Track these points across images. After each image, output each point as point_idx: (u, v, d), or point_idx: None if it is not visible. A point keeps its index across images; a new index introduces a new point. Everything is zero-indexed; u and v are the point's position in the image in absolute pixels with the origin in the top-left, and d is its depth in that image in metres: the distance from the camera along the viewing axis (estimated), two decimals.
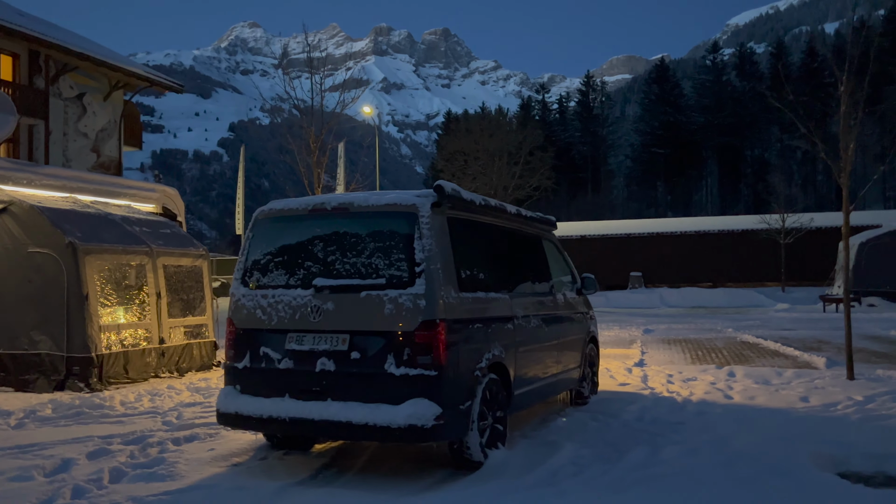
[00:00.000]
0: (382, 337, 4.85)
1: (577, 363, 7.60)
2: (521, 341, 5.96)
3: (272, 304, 5.20)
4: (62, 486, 4.71)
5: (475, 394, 5.09)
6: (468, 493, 4.60)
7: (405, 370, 4.76)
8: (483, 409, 5.20)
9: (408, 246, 4.93)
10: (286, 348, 5.10)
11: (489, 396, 5.29)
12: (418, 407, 4.69)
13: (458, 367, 4.92)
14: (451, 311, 4.91)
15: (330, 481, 5.00)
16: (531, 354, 6.21)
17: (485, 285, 5.60)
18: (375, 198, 5.24)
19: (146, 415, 7.33)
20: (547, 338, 6.63)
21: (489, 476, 4.99)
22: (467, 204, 5.46)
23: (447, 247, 5.06)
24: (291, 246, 5.39)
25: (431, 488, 4.82)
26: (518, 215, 6.60)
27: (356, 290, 4.95)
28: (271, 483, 4.87)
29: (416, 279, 4.84)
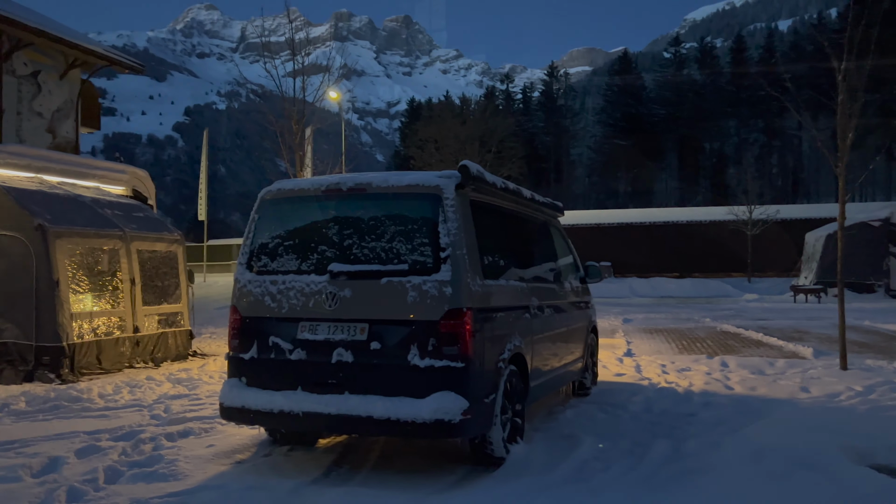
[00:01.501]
0: (405, 326, 4.55)
1: (581, 353, 7.41)
2: (537, 331, 5.73)
3: (282, 290, 4.85)
4: (56, 488, 4.31)
5: (498, 386, 4.83)
6: (499, 493, 4.34)
7: (430, 361, 4.46)
8: (505, 402, 4.95)
9: (432, 230, 4.62)
10: (298, 338, 4.75)
11: (510, 389, 5.05)
12: (445, 401, 4.40)
13: (484, 358, 4.66)
14: (476, 299, 4.63)
15: (345, 480, 4.70)
16: (545, 344, 5.99)
17: (504, 272, 5.34)
18: (395, 178, 4.92)
19: (130, 408, 6.89)
20: (558, 327, 6.42)
21: (514, 473, 4.74)
22: (489, 186, 5.17)
23: (472, 231, 4.77)
24: (303, 228, 5.04)
25: (457, 486, 4.56)
26: (532, 200, 6.35)
27: (376, 277, 4.63)
28: (284, 482, 4.54)
29: (441, 265, 4.54)
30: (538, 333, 5.75)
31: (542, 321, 5.88)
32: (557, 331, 6.39)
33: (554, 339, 6.28)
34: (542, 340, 5.89)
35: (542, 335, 5.89)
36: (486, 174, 5.07)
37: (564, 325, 6.66)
